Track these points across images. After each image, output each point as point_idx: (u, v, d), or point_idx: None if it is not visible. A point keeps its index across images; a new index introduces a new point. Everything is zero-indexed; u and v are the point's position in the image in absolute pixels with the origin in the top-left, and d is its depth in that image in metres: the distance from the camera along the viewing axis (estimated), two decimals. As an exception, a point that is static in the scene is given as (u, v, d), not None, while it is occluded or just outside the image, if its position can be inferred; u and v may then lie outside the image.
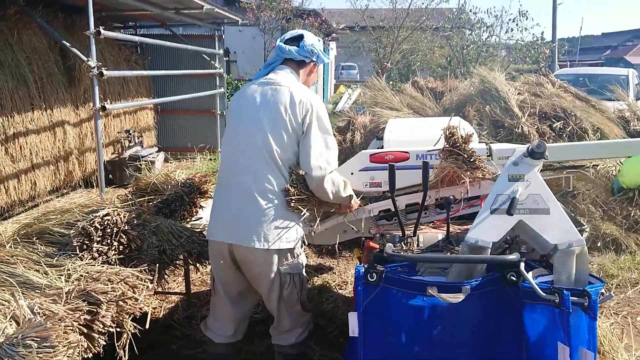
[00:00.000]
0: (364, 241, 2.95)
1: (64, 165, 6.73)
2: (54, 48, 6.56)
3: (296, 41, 2.56)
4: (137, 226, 2.67)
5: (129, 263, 2.53)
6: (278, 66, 2.55)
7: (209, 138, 9.16)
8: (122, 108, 8.02)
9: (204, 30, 9.64)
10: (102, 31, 5.19)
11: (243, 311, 2.66)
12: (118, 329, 2.18)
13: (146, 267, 2.51)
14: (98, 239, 2.49)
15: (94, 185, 7.16)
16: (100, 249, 2.48)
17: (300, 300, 2.56)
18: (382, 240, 2.53)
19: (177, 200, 3.18)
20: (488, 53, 16.82)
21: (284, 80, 2.47)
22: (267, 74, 2.54)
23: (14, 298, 1.98)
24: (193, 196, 3.27)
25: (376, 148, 3.55)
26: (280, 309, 2.53)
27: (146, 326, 2.35)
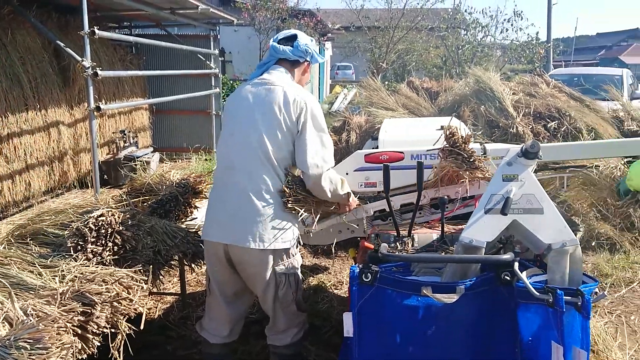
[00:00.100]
0: (360, 241, 2.96)
1: (59, 165, 6.71)
2: (48, 48, 6.53)
3: (290, 41, 2.56)
4: (132, 227, 2.66)
5: (124, 264, 2.52)
6: (272, 66, 2.55)
7: (205, 138, 9.15)
8: (117, 108, 7.99)
9: (200, 30, 9.62)
10: (97, 31, 5.18)
11: (238, 311, 2.66)
12: (113, 330, 2.17)
13: (141, 268, 2.50)
14: (92, 240, 2.48)
15: (89, 185, 7.15)
16: (94, 250, 2.47)
17: (295, 300, 2.56)
18: (377, 240, 2.53)
19: (172, 200, 3.17)
20: (483, 53, 16.89)
21: (278, 79, 2.48)
22: (261, 74, 2.54)
23: (10, 299, 1.97)
24: (188, 196, 3.27)
25: (371, 148, 3.56)
26: (275, 309, 2.53)
27: (141, 327, 2.34)
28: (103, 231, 2.52)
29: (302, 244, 2.93)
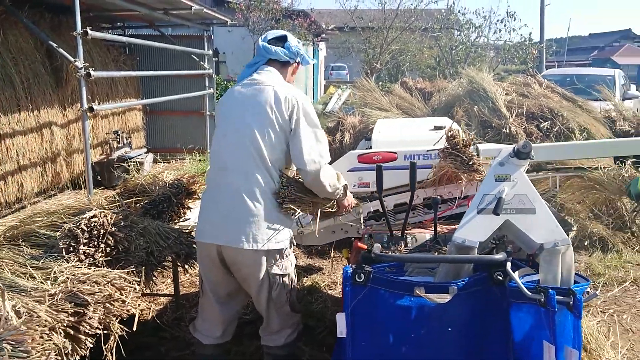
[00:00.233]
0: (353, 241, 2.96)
1: (52, 166, 6.68)
2: (41, 49, 6.50)
3: (280, 41, 2.57)
4: (124, 228, 2.65)
5: (116, 265, 2.51)
6: (262, 66, 2.56)
7: (198, 139, 9.12)
8: (111, 109, 7.96)
9: (193, 30, 9.59)
10: (89, 32, 5.16)
11: (231, 312, 2.66)
12: (105, 332, 2.16)
13: (133, 269, 2.49)
14: (84, 241, 2.47)
15: (82, 186, 7.11)
16: (87, 251, 2.46)
17: (289, 301, 2.55)
18: (370, 240, 2.54)
19: (165, 201, 3.16)
20: (477, 54, 16.95)
21: (268, 79, 2.48)
22: (251, 74, 2.54)
23: (1, 297, 1.95)
24: (181, 197, 3.26)
25: (365, 149, 3.56)
26: (269, 310, 2.53)
27: (134, 328, 2.33)
28: (95, 232, 2.51)
29: (296, 245, 2.92)
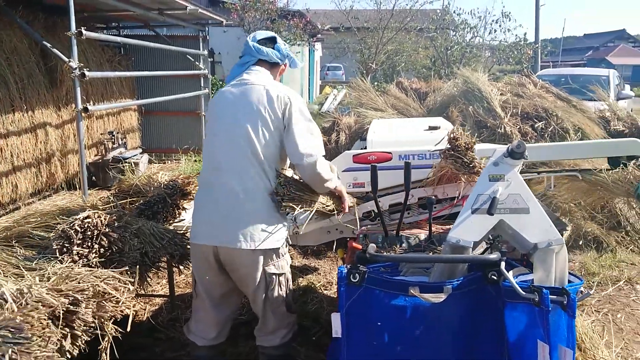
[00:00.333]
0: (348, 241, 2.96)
1: (46, 167, 6.65)
2: (35, 49, 6.47)
3: (270, 42, 2.60)
4: (118, 228, 2.64)
5: (110, 266, 2.50)
6: (251, 66, 2.56)
7: (194, 139, 9.10)
8: (106, 109, 7.94)
9: (189, 31, 9.58)
10: (84, 32, 5.14)
11: (226, 314, 2.65)
12: (100, 332, 2.16)
13: (127, 270, 2.48)
14: (78, 242, 2.46)
15: (77, 187, 7.08)
16: (80, 252, 2.44)
17: (285, 300, 2.55)
18: (365, 240, 2.53)
19: (160, 202, 3.15)
20: (472, 54, 16.96)
21: (258, 79, 2.49)
22: (241, 74, 2.55)
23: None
24: (175, 198, 3.25)
25: (360, 149, 3.56)
26: (265, 310, 2.53)
27: (127, 329, 2.33)
28: (89, 233, 2.50)
29: (292, 245, 2.92)
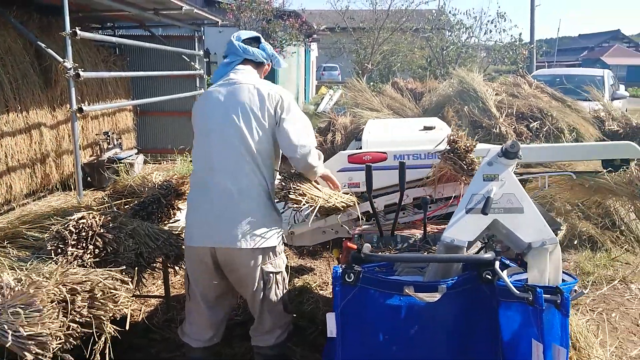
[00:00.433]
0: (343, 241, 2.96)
1: (41, 168, 6.62)
2: (30, 49, 6.45)
3: (254, 42, 2.62)
4: (113, 229, 2.63)
5: (105, 266, 2.49)
6: (237, 66, 2.57)
7: (190, 139, 9.00)
8: (101, 110, 7.91)
9: (184, 31, 9.56)
10: (79, 32, 5.12)
11: (220, 315, 2.64)
12: (97, 330, 2.15)
13: (123, 271, 2.48)
14: (73, 243, 2.45)
15: (72, 188, 7.06)
16: (75, 253, 2.44)
17: (282, 299, 2.56)
18: (360, 240, 2.54)
19: (154, 202, 3.14)
20: (467, 54, 16.99)
21: (246, 78, 2.50)
22: (227, 74, 2.55)
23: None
24: (170, 198, 3.24)
25: (355, 149, 3.56)
26: (262, 309, 2.53)
27: (126, 327, 2.32)
28: (84, 234, 2.49)
29: (287, 245, 2.92)
